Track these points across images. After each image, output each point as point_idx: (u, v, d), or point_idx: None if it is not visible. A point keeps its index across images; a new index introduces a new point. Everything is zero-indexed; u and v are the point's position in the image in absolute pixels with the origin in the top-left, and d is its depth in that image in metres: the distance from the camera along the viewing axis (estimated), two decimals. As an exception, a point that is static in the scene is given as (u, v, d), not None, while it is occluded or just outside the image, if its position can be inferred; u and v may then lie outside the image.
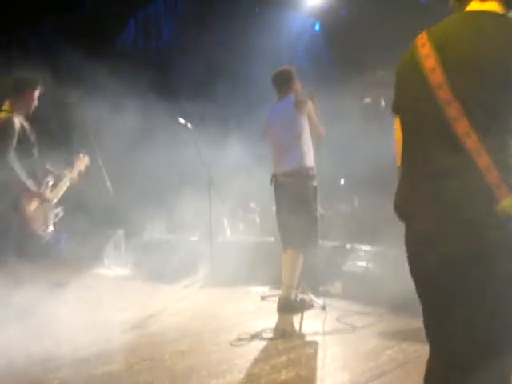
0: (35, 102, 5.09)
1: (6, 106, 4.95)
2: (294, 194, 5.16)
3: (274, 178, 5.34)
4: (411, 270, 1.90)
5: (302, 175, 5.15)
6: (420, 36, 1.83)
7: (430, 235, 1.75)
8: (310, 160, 5.18)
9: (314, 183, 5.22)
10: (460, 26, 1.77)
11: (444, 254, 1.71)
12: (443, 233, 1.70)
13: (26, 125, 4.96)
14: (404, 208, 1.88)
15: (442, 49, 1.74)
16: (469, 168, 1.61)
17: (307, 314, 5.06)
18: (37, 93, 5.09)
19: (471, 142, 1.61)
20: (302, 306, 5.13)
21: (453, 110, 1.65)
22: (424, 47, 1.78)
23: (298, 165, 5.16)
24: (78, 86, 7.42)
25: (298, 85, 5.39)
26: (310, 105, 5.21)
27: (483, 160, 1.59)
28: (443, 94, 1.68)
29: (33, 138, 5.01)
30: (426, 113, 1.76)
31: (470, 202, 1.63)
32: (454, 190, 1.66)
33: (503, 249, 1.60)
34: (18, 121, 4.82)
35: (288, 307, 5.08)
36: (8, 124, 4.73)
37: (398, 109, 1.96)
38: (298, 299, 5.20)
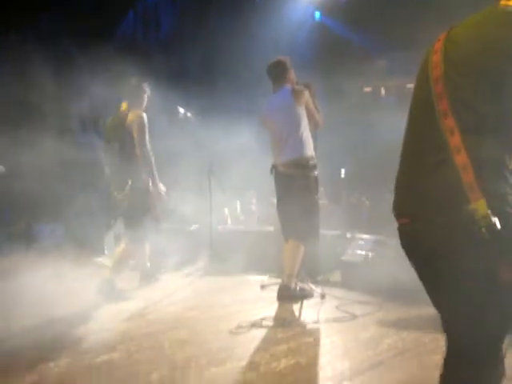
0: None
1: (125, 105, 5.71)
2: (294, 185, 5.15)
3: (274, 169, 5.32)
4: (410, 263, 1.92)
5: (302, 165, 5.14)
6: (442, 33, 1.83)
7: (416, 234, 1.78)
8: (309, 150, 5.17)
9: (315, 173, 5.20)
10: (472, 23, 1.76)
11: (426, 252, 1.76)
12: (425, 231, 1.73)
13: None
14: (397, 207, 1.89)
15: (450, 45, 1.74)
16: (449, 166, 1.62)
17: (307, 302, 5.08)
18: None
19: (453, 139, 1.61)
20: (301, 295, 5.14)
21: (442, 106, 1.66)
22: (438, 42, 1.79)
23: (297, 155, 5.14)
24: (77, 77, 7.41)
25: (292, 75, 5.38)
26: (307, 94, 5.19)
27: (461, 159, 1.59)
28: (438, 88, 1.69)
29: None
30: (423, 109, 1.77)
31: (446, 199, 1.64)
32: (434, 188, 1.68)
33: (469, 249, 1.61)
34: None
35: (288, 296, 5.09)
36: (145, 121, 5.52)
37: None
38: (297, 288, 5.21)
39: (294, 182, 5.15)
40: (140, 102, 5.70)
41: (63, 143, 7.02)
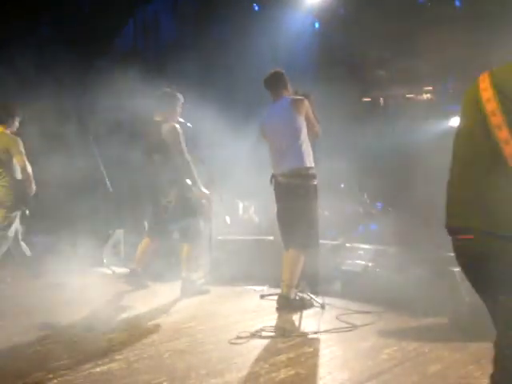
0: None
1: (159, 115, 5.89)
2: (294, 195, 5.15)
3: (274, 179, 5.32)
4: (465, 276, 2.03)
5: (301, 175, 5.14)
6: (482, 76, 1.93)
7: (483, 248, 1.88)
8: (309, 160, 5.17)
9: (315, 182, 5.20)
10: None
11: (495, 266, 1.85)
12: (494, 246, 1.85)
13: None
14: (456, 222, 2.00)
15: (498, 80, 1.88)
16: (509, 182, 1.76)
17: (307, 312, 5.07)
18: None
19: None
20: (301, 305, 5.12)
21: (503, 134, 1.79)
22: (483, 82, 1.91)
23: (297, 165, 5.14)
24: (77, 86, 7.42)
25: (289, 86, 5.39)
26: (306, 103, 5.20)
27: None
28: (496, 120, 1.81)
29: None
30: (478, 140, 1.90)
31: (504, 212, 1.79)
32: (500, 204, 1.81)
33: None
34: None
35: (287, 306, 5.08)
36: (179, 131, 5.82)
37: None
38: (297, 298, 5.19)
39: (293, 191, 5.15)
40: (174, 111, 5.95)
41: (62, 152, 7.01)
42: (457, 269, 4.48)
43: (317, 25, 12.39)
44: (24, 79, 7.54)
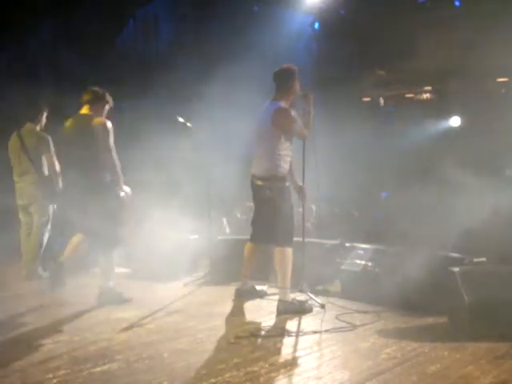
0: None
1: (85, 109, 5.50)
2: (262, 195, 5.24)
3: (251, 178, 5.37)
4: None
5: (271, 179, 5.17)
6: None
7: None
8: (282, 169, 5.18)
9: (282, 185, 5.20)
10: None
11: None
12: None
13: None
14: None
15: None
16: None
17: (306, 312, 5.06)
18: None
19: None
20: (301, 309, 5.06)
21: None
22: None
23: (268, 173, 5.18)
24: (78, 86, 7.41)
25: (296, 87, 5.32)
26: (287, 120, 5.12)
27: None
28: None
29: None
30: None
31: None
32: None
33: None
34: None
35: (286, 310, 5.03)
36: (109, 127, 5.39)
37: None
38: (295, 302, 5.13)
39: (261, 192, 5.25)
40: (100, 111, 5.55)
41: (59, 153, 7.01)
42: (457, 269, 4.49)
43: (317, 25, 12.41)
44: (24, 78, 7.55)
